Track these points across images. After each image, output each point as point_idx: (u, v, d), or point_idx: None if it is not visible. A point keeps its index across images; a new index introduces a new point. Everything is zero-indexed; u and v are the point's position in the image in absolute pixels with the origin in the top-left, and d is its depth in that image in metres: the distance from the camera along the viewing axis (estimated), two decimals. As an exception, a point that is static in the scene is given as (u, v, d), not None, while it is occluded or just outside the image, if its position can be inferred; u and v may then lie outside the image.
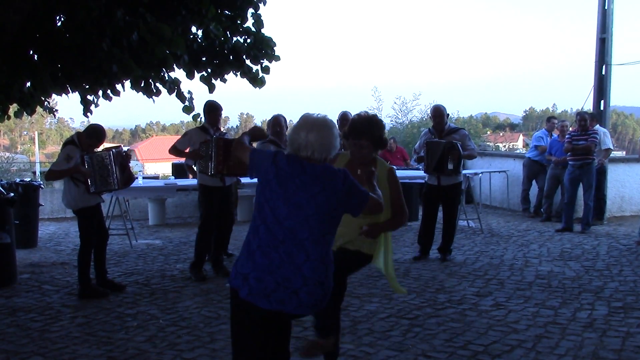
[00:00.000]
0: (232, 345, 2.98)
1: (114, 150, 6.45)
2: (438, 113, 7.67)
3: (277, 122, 7.34)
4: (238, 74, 7.07)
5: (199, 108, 7.03)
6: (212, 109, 6.95)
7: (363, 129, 3.80)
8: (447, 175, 7.43)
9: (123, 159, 6.50)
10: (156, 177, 12.92)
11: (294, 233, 2.86)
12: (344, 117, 8.02)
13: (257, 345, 2.89)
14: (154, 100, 7.00)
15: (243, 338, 2.91)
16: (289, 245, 2.86)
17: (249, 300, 2.82)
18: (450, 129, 7.69)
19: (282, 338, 2.98)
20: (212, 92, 7.10)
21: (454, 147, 7.28)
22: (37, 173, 27.50)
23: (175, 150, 7.02)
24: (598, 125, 10.42)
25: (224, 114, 7.27)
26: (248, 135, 3.50)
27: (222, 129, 7.32)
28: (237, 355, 2.95)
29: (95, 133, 6.26)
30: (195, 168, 7.60)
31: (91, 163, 6.15)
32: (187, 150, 6.95)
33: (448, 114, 7.99)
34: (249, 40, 7.00)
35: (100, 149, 6.44)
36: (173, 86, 7.00)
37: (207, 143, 6.67)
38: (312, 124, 2.99)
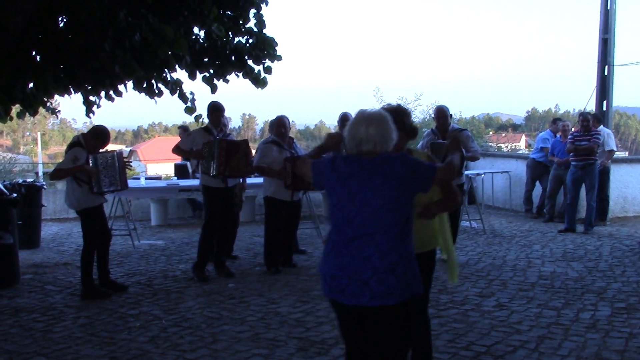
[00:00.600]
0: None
1: (117, 151, 6.49)
2: (442, 114, 7.66)
3: (281, 123, 7.33)
4: (240, 74, 7.07)
5: (201, 109, 7.04)
6: (215, 109, 6.97)
7: (394, 118, 3.60)
8: None
9: (124, 162, 6.54)
10: (158, 178, 12.92)
11: (365, 228, 2.94)
12: (344, 118, 8.02)
13: (349, 336, 3.16)
14: (156, 101, 7.01)
15: (341, 330, 3.23)
16: (360, 241, 2.94)
17: (331, 297, 3.03)
18: (454, 129, 7.67)
19: (374, 332, 3.01)
20: (214, 93, 7.10)
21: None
22: (40, 174, 27.53)
23: (178, 150, 7.08)
24: (602, 126, 10.40)
25: (226, 114, 7.27)
26: (320, 149, 3.50)
27: (227, 130, 7.34)
28: (345, 343, 3.24)
29: (101, 135, 6.28)
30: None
31: (96, 163, 6.18)
32: (190, 150, 6.96)
33: (451, 115, 7.98)
34: (251, 41, 6.99)
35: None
36: (175, 87, 7.00)
37: (210, 144, 6.69)
38: (370, 117, 3.05)
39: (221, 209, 6.92)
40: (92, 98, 7.08)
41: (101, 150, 6.39)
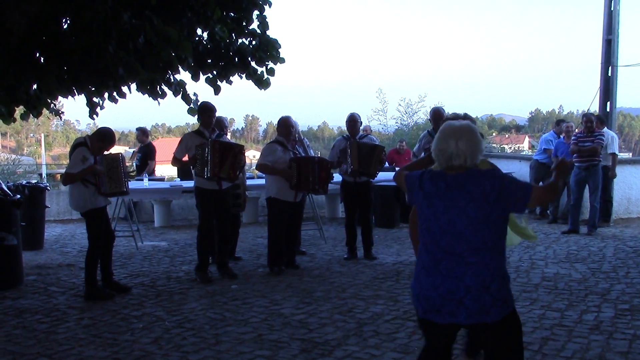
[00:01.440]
0: (423, 350, 3.22)
1: (120, 154, 6.52)
2: (438, 115, 7.65)
3: (287, 123, 7.33)
4: (243, 75, 7.09)
5: (204, 110, 7.03)
6: (206, 110, 6.88)
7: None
8: None
9: (126, 166, 6.58)
10: (162, 179, 12.94)
11: (452, 248, 2.91)
12: (352, 118, 8.02)
13: (440, 352, 3.11)
14: (159, 103, 7.03)
15: (431, 346, 3.14)
16: (449, 262, 2.91)
17: (425, 317, 2.99)
18: None
19: (491, 349, 3.05)
20: (217, 94, 7.12)
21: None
22: (44, 175, 27.64)
23: (175, 160, 7.02)
24: (606, 128, 10.38)
25: (229, 115, 7.27)
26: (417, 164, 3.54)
27: (228, 132, 7.31)
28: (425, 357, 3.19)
29: (107, 136, 6.29)
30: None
31: (103, 164, 6.20)
32: (187, 158, 6.92)
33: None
34: (254, 42, 7.01)
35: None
36: (178, 88, 7.01)
37: (202, 146, 6.65)
38: (459, 131, 3.00)
39: (216, 211, 6.91)
40: (95, 99, 7.11)
41: (105, 153, 6.41)
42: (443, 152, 2.99)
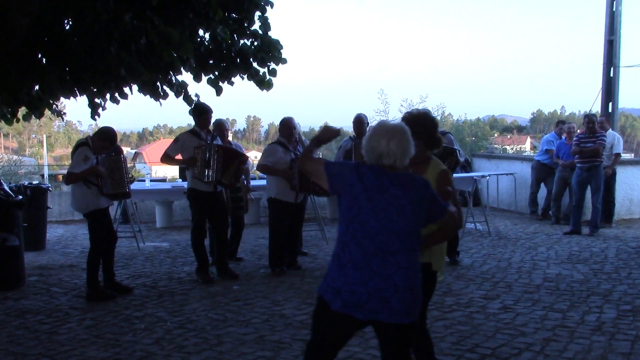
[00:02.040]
0: (310, 344, 3.13)
1: (123, 155, 6.53)
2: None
3: (289, 124, 7.33)
4: (245, 76, 7.09)
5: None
6: (203, 111, 6.85)
7: (412, 127, 3.38)
8: None
9: (127, 166, 6.60)
10: (163, 180, 12.96)
11: (386, 246, 2.90)
12: (359, 120, 8.02)
13: (332, 343, 3.07)
14: (161, 104, 7.03)
15: (324, 341, 3.08)
16: (381, 258, 2.89)
17: (343, 312, 2.91)
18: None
19: (388, 349, 3.04)
20: (219, 95, 7.12)
21: (454, 153, 7.24)
22: (46, 176, 27.65)
23: (167, 157, 6.92)
24: (611, 130, 10.36)
25: (231, 116, 7.27)
26: (316, 140, 3.39)
27: (230, 134, 7.31)
28: (316, 346, 3.11)
29: (108, 135, 6.30)
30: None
31: (105, 165, 6.21)
32: (179, 157, 6.90)
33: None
34: (255, 43, 7.01)
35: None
36: (180, 89, 7.02)
37: (202, 148, 6.63)
38: (392, 131, 2.99)
39: (210, 212, 6.90)
40: (97, 100, 7.11)
41: (107, 153, 6.43)
42: (374, 150, 2.99)
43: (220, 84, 7.06)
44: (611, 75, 11.35)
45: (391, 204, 2.91)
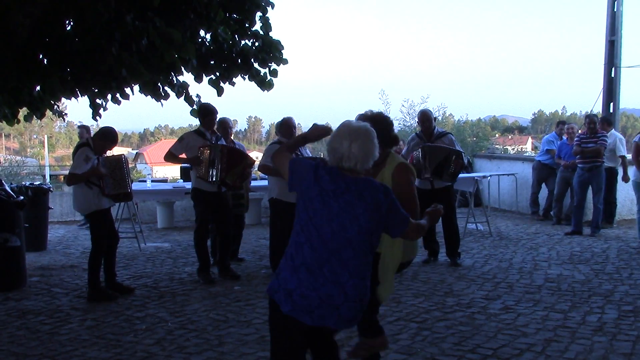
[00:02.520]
0: (271, 352, 3.03)
1: (124, 156, 6.54)
2: (426, 118, 7.64)
3: (289, 124, 7.33)
4: (246, 77, 7.10)
5: (207, 111, 7.04)
6: (208, 112, 6.86)
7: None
8: (444, 181, 7.32)
9: (129, 168, 6.61)
10: (165, 180, 12.97)
11: (339, 253, 2.84)
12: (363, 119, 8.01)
13: (296, 355, 2.96)
14: (162, 104, 7.04)
15: (282, 347, 2.97)
16: (333, 265, 2.83)
17: (292, 315, 2.84)
18: (439, 133, 7.63)
19: (323, 349, 3.08)
20: (220, 95, 7.12)
21: (461, 156, 7.24)
22: (47, 176, 27.66)
23: (171, 156, 6.91)
24: (613, 130, 10.35)
25: (232, 117, 7.26)
26: (302, 138, 3.38)
27: (231, 133, 7.32)
28: (277, 356, 3.00)
29: (109, 135, 6.32)
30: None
31: (106, 166, 6.23)
32: (183, 156, 6.90)
33: (435, 118, 7.95)
34: (256, 44, 7.02)
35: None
36: (181, 90, 7.02)
37: (206, 148, 6.64)
38: (355, 133, 2.91)
39: (214, 213, 6.90)
40: (98, 101, 7.11)
41: (108, 154, 6.44)
42: (335, 151, 2.92)
43: (222, 84, 7.06)
44: (612, 75, 11.34)
45: (345, 210, 2.83)
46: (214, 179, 6.60)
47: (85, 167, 6.05)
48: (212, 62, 6.95)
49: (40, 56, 6.32)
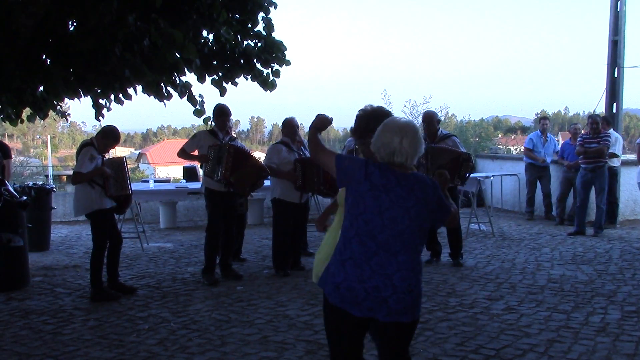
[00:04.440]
0: (328, 344, 3.12)
1: (125, 157, 6.58)
2: (429, 119, 7.64)
3: (292, 123, 7.35)
4: (249, 77, 7.10)
5: (209, 111, 7.06)
6: (221, 113, 6.93)
7: (369, 125, 3.36)
8: (454, 183, 7.29)
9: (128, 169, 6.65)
10: (167, 181, 12.99)
11: (387, 246, 2.88)
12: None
13: (346, 345, 3.02)
14: (165, 104, 7.05)
15: (335, 340, 3.06)
16: (382, 257, 2.87)
17: (340, 307, 2.91)
18: (443, 135, 7.62)
19: (389, 348, 3.04)
20: (223, 96, 7.13)
21: (469, 159, 7.24)
22: (50, 176, 27.74)
23: (183, 153, 6.98)
24: (612, 130, 10.35)
25: (234, 117, 7.26)
26: (316, 129, 3.35)
27: (233, 134, 7.32)
28: (333, 353, 3.09)
29: (112, 134, 6.34)
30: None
31: (109, 167, 6.25)
32: (195, 153, 6.95)
33: (439, 120, 7.94)
34: (259, 44, 7.02)
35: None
36: (184, 90, 7.03)
37: (215, 147, 6.67)
38: (405, 129, 2.95)
39: (224, 212, 6.92)
40: (101, 101, 7.13)
41: (110, 156, 6.47)
42: (386, 147, 2.94)
43: (224, 84, 7.07)
44: (615, 75, 11.30)
45: (396, 204, 2.88)
46: (218, 177, 6.62)
47: (90, 166, 6.07)
48: (215, 63, 6.96)
49: (44, 57, 6.34)
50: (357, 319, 2.92)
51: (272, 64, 7.04)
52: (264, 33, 6.97)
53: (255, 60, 6.99)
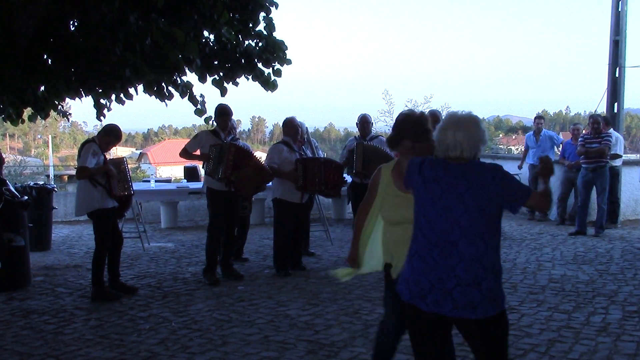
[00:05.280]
0: (412, 348, 3.08)
1: (125, 158, 6.60)
2: (434, 119, 7.62)
3: (293, 123, 7.34)
4: (250, 77, 7.11)
5: (211, 111, 7.07)
6: (223, 114, 6.91)
7: (398, 134, 3.50)
8: None
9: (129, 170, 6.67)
10: (168, 180, 12.98)
11: (447, 235, 2.85)
12: (363, 120, 8.02)
13: (426, 345, 2.99)
14: (166, 104, 7.06)
15: (414, 338, 3.03)
16: (442, 248, 2.85)
17: (410, 303, 2.92)
18: None
19: (475, 346, 2.97)
20: (224, 96, 7.14)
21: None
22: (51, 176, 27.76)
23: (185, 152, 6.99)
24: (612, 129, 10.36)
25: (236, 117, 7.26)
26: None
27: (235, 134, 7.32)
28: (416, 354, 3.06)
29: (113, 131, 6.35)
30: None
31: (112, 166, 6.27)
32: (197, 153, 6.96)
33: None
34: (260, 44, 7.03)
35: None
36: (185, 90, 7.04)
37: (217, 146, 6.67)
38: (457, 122, 2.95)
39: (225, 212, 6.92)
40: (102, 101, 7.14)
41: (110, 157, 6.47)
42: (441, 143, 2.96)
43: (225, 84, 7.08)
44: (616, 75, 11.30)
45: (447, 191, 2.87)
46: (219, 176, 6.62)
47: (93, 161, 6.07)
48: (216, 62, 6.97)
49: (45, 56, 6.34)
50: (427, 315, 2.87)
51: (273, 64, 7.04)
52: (265, 33, 6.97)
53: (256, 60, 6.99)
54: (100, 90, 6.80)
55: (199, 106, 7.11)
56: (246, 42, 7.02)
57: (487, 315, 2.82)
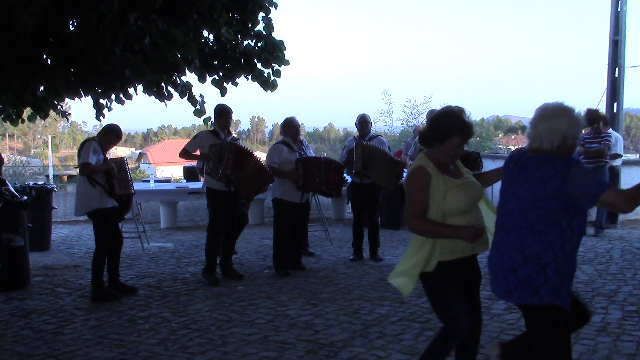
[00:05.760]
0: None
1: (125, 157, 6.60)
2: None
3: (293, 123, 7.35)
4: (249, 77, 7.11)
5: (210, 111, 7.07)
6: (222, 112, 6.92)
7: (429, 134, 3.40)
8: None
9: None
10: (168, 180, 12.97)
11: (503, 224, 3.01)
12: (362, 119, 8.02)
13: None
14: (166, 104, 7.06)
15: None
16: (500, 236, 3.04)
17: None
18: None
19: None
20: (223, 96, 7.14)
21: (479, 157, 7.23)
22: (51, 176, 27.76)
23: (185, 153, 6.99)
24: (611, 129, 10.36)
25: (235, 117, 7.26)
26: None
27: (233, 133, 7.32)
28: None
29: (114, 130, 6.36)
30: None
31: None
32: (197, 153, 6.95)
33: None
34: (259, 44, 7.03)
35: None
36: (185, 90, 7.04)
37: (216, 146, 6.67)
38: (542, 114, 2.96)
39: (225, 212, 6.92)
40: (102, 101, 7.14)
41: (110, 157, 6.47)
42: (529, 136, 3.03)
43: (225, 84, 7.08)
44: (616, 75, 11.32)
45: (509, 185, 3.03)
46: (219, 175, 6.62)
47: (94, 158, 6.06)
48: (215, 63, 6.97)
49: (44, 56, 6.34)
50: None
51: (272, 64, 7.04)
52: (264, 33, 6.97)
53: (255, 60, 7.00)
54: (100, 90, 6.80)
55: (198, 106, 7.11)
56: (245, 42, 7.03)
57: (524, 302, 2.93)
